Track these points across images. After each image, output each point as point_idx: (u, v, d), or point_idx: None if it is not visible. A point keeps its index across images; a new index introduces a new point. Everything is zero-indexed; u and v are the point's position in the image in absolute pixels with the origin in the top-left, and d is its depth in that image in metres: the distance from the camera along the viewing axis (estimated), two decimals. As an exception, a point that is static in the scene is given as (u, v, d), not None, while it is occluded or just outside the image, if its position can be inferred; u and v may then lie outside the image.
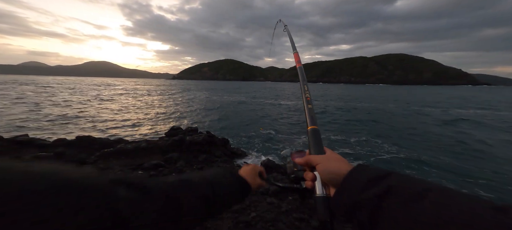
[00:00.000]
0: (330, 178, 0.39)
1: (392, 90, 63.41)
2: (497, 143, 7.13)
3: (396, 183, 0.30)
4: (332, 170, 0.39)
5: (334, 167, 0.39)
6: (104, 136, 6.53)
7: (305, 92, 0.58)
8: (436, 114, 13.96)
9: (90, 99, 18.99)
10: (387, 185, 0.30)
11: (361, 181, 0.33)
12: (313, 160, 0.42)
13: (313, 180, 0.41)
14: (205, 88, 53.83)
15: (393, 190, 0.29)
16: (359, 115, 13.21)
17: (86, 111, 12.28)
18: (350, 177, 0.35)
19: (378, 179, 0.32)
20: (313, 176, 0.41)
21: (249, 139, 7.37)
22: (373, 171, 0.34)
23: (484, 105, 20.90)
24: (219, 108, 16.45)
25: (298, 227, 1.95)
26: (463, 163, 5.29)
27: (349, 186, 0.34)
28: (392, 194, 0.29)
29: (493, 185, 4.14)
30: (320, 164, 0.41)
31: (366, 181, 0.32)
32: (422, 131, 8.61)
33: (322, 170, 0.40)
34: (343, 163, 0.39)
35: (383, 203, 0.29)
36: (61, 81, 78.28)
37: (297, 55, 0.77)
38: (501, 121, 11.64)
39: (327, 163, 0.40)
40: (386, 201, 0.28)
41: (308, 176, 0.43)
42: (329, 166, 0.39)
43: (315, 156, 0.43)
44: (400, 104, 20.54)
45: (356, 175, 0.35)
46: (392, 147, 6.46)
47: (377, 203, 0.29)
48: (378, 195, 0.30)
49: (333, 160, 0.41)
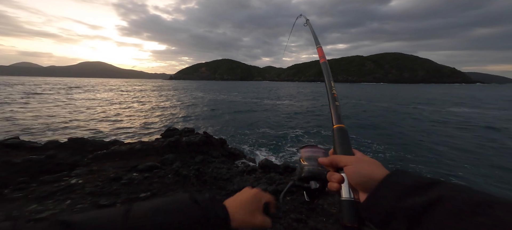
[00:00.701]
0: (362, 182, 0.35)
1: (398, 89, 61.88)
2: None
3: (448, 193, 0.26)
4: (364, 173, 0.35)
5: (367, 170, 0.35)
6: (98, 137, 6.41)
7: (331, 89, 0.55)
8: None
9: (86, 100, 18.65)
10: (438, 194, 0.27)
11: (402, 187, 0.30)
12: (341, 160, 0.39)
13: (339, 182, 0.38)
14: (203, 88, 53.52)
15: (445, 200, 0.26)
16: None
17: (78, 112, 12.04)
18: (387, 181, 0.32)
19: (423, 187, 0.29)
20: (340, 178, 0.38)
21: (247, 139, 7.33)
22: (417, 177, 0.31)
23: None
24: (216, 108, 16.36)
25: (296, 228, 1.93)
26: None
27: (387, 192, 0.31)
28: (441, 205, 0.25)
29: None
30: (351, 166, 0.37)
31: (408, 188, 0.29)
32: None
33: (353, 172, 0.36)
34: (377, 167, 0.36)
35: (429, 214, 0.26)
36: (52, 82, 76.56)
37: (320, 49, 0.72)
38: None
39: (358, 165, 0.37)
40: (435, 212, 0.25)
41: (333, 177, 0.39)
42: (361, 168, 0.36)
43: (344, 156, 0.40)
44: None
45: (396, 180, 0.32)
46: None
47: (422, 212, 0.26)
48: (422, 205, 0.27)
49: (366, 162, 0.37)
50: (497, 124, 9.81)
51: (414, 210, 0.27)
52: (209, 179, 3.37)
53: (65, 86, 43.74)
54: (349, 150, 0.41)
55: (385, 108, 14.39)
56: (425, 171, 4.66)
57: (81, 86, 47.29)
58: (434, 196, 0.27)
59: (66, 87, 37.65)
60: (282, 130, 8.73)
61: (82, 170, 3.27)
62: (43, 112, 11.32)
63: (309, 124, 10.26)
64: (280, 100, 23.55)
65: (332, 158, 0.40)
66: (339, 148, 0.42)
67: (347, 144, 0.43)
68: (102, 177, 3.04)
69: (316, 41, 0.81)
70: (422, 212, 0.26)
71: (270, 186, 2.99)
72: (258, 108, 16.48)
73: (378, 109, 12.99)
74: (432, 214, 0.25)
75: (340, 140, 0.43)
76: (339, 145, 0.43)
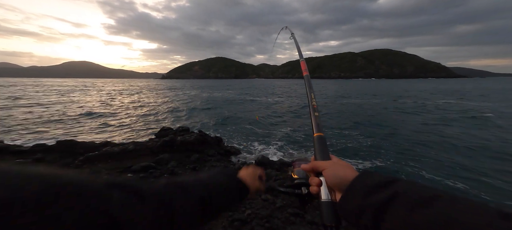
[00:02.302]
0: (337, 183, 0.39)
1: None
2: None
3: (402, 189, 0.30)
4: (339, 175, 0.39)
5: (341, 172, 0.39)
6: (88, 139, 6.20)
7: (311, 100, 0.59)
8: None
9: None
10: (394, 190, 0.31)
11: (367, 186, 0.34)
12: (319, 165, 0.43)
13: (318, 185, 0.42)
14: (196, 86, 52.55)
15: (399, 196, 0.29)
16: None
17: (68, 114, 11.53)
18: (356, 182, 0.36)
19: (384, 185, 0.32)
20: (318, 181, 0.42)
21: (242, 136, 7.35)
22: (380, 177, 0.35)
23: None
24: (211, 106, 16.21)
25: (293, 222, 1.97)
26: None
27: (355, 191, 0.35)
28: (397, 200, 0.29)
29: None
30: (327, 170, 0.41)
31: (372, 187, 0.33)
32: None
33: (329, 175, 0.40)
34: (349, 169, 0.40)
35: (388, 209, 0.29)
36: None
37: (304, 63, 0.76)
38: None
39: (334, 169, 0.41)
40: (391, 207, 0.29)
41: (313, 181, 0.43)
42: (336, 171, 0.40)
43: (322, 161, 0.44)
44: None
45: (363, 180, 0.35)
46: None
47: (382, 208, 0.30)
48: (383, 200, 0.30)
49: (340, 165, 0.41)
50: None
51: (377, 205, 0.30)
52: (206, 177, 3.38)
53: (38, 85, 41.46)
54: (327, 156, 0.45)
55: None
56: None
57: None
58: (392, 192, 0.30)
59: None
60: (277, 127, 8.83)
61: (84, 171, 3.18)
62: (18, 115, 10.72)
63: (302, 120, 10.44)
64: (274, 97, 23.70)
65: (312, 164, 0.45)
66: (318, 154, 0.47)
67: (325, 150, 0.47)
68: (95, 179, 2.97)
69: (300, 55, 0.84)
70: (383, 207, 0.30)
71: (267, 182, 3.05)
72: (253, 106, 16.51)
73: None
74: (390, 208, 0.29)
75: (319, 148, 0.48)
76: (318, 152, 0.47)
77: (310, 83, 0.65)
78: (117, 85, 60.67)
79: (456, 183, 4.03)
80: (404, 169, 4.71)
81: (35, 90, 29.93)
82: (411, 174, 4.46)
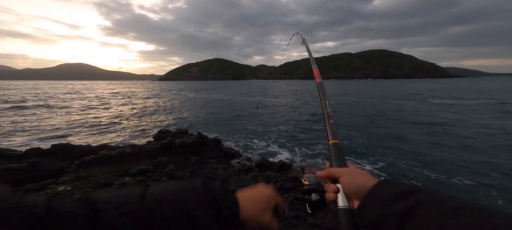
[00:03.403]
0: (355, 191, 0.39)
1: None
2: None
3: (425, 199, 0.30)
4: (358, 182, 0.39)
5: (360, 180, 0.39)
6: (85, 143, 6.10)
7: (326, 107, 0.58)
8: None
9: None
10: (415, 200, 0.30)
11: (387, 195, 0.33)
12: (336, 172, 0.43)
13: (335, 192, 0.41)
14: (195, 88, 52.35)
15: (422, 206, 0.29)
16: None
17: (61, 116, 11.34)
18: (375, 190, 0.36)
19: (405, 194, 0.32)
20: (336, 188, 0.41)
21: (241, 137, 7.32)
22: (400, 185, 0.34)
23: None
24: (209, 108, 16.15)
25: (295, 225, 1.95)
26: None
27: (375, 199, 0.34)
28: (420, 210, 0.28)
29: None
30: (345, 176, 0.41)
31: (392, 195, 0.33)
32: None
33: (347, 182, 0.40)
34: (368, 177, 0.40)
35: (409, 219, 0.29)
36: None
37: (316, 70, 0.74)
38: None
39: (353, 176, 0.40)
40: (413, 217, 0.28)
41: (330, 188, 0.42)
42: (355, 178, 0.40)
43: (339, 168, 0.44)
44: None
45: (382, 189, 0.35)
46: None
47: (404, 217, 0.29)
48: (404, 210, 0.29)
49: (358, 173, 0.41)
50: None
51: (397, 215, 0.30)
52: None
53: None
54: (344, 163, 0.45)
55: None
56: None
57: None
58: (413, 202, 0.30)
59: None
60: (275, 127, 8.83)
61: (70, 176, 3.10)
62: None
63: (301, 119, 10.46)
64: (273, 98, 23.75)
65: (328, 171, 0.44)
66: (334, 161, 0.46)
67: (342, 158, 0.47)
68: (92, 182, 2.90)
69: (312, 61, 0.82)
70: (404, 217, 0.29)
71: (268, 184, 3.03)
72: (251, 107, 16.50)
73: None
74: (412, 218, 0.28)
75: (335, 155, 0.47)
76: (335, 159, 0.47)
77: (324, 90, 0.63)
78: (113, 87, 60.12)
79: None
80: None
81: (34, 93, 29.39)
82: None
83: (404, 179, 4.14)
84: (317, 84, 0.67)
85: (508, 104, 15.05)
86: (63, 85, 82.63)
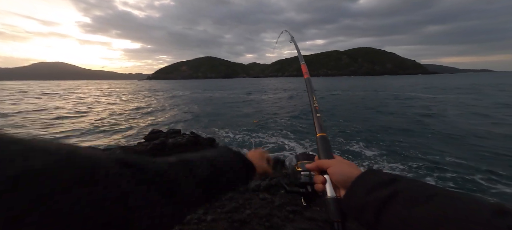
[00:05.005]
0: (342, 180, 0.41)
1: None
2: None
3: (402, 187, 0.32)
4: (344, 172, 0.41)
5: (346, 170, 0.41)
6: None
7: (313, 102, 0.60)
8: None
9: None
10: (394, 188, 0.32)
11: (370, 184, 0.35)
12: (324, 164, 0.45)
13: (323, 183, 0.43)
14: (185, 87, 50.85)
15: (399, 194, 0.31)
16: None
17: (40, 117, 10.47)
18: (359, 180, 0.38)
19: (385, 183, 0.34)
20: (323, 179, 0.43)
21: (235, 135, 7.30)
22: (382, 175, 0.36)
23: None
24: (202, 106, 15.84)
25: (292, 219, 1.99)
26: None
27: (358, 189, 0.36)
28: (397, 197, 0.31)
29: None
30: (332, 167, 0.43)
31: (375, 184, 0.35)
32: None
33: (334, 173, 0.42)
34: (353, 167, 0.42)
35: (388, 205, 0.31)
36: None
37: (304, 66, 0.76)
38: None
39: (339, 167, 0.42)
40: (391, 204, 0.31)
41: (318, 179, 0.44)
42: (341, 169, 0.42)
43: (326, 160, 0.46)
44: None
45: (366, 178, 0.37)
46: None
47: (383, 205, 0.32)
48: (384, 198, 0.32)
49: (344, 164, 0.43)
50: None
51: (378, 202, 0.32)
52: (201, 179, 3.30)
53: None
54: (330, 155, 0.48)
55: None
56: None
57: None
58: (393, 190, 0.32)
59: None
60: (269, 123, 8.90)
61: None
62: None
63: (293, 114, 10.65)
64: (265, 95, 23.87)
65: (317, 163, 0.46)
66: (322, 153, 0.49)
67: (329, 150, 0.49)
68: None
69: (300, 58, 0.85)
70: (384, 204, 0.32)
71: (264, 181, 3.05)
72: (244, 104, 16.46)
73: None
74: (390, 205, 0.31)
75: (322, 147, 0.50)
76: (322, 151, 0.49)
77: (311, 85, 0.66)
78: (95, 87, 56.56)
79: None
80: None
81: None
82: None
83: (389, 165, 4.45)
84: (305, 80, 0.70)
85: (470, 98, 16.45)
86: (35, 85, 76.24)
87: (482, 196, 2.77)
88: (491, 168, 4.16)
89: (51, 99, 22.38)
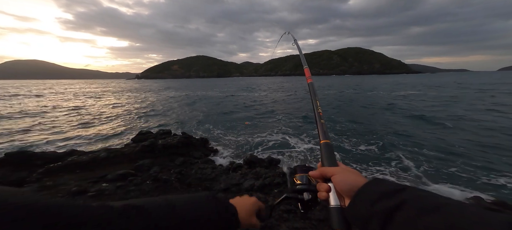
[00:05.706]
0: (347, 189, 0.39)
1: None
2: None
3: (409, 198, 0.31)
4: (349, 181, 0.40)
5: (351, 179, 0.40)
6: (48, 149, 5.37)
7: (317, 108, 0.58)
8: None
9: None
10: (401, 198, 0.31)
11: (376, 193, 0.34)
12: (328, 171, 0.43)
13: (327, 191, 0.42)
14: (176, 87, 49.39)
15: (407, 204, 0.30)
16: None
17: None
18: (365, 189, 0.37)
19: (391, 193, 0.33)
20: (327, 187, 0.42)
21: (229, 135, 7.24)
22: (389, 184, 0.36)
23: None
24: (193, 106, 15.51)
25: (286, 219, 2.01)
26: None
27: (364, 198, 0.35)
28: (404, 208, 0.30)
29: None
30: (337, 175, 0.42)
31: (381, 194, 0.34)
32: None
33: (339, 181, 0.41)
34: (358, 176, 0.41)
35: (395, 215, 0.30)
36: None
37: (308, 70, 0.73)
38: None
39: (344, 175, 0.41)
40: (398, 214, 0.30)
41: (322, 187, 0.43)
42: (346, 177, 0.41)
43: (331, 168, 0.44)
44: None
45: (371, 188, 0.36)
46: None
47: (390, 215, 0.31)
48: (390, 208, 0.31)
49: (349, 172, 0.42)
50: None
51: (385, 213, 0.31)
52: (194, 181, 3.23)
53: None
54: (335, 163, 0.46)
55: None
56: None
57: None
58: (400, 200, 0.31)
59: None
60: (264, 123, 8.93)
61: (32, 187, 2.72)
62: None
63: (290, 114, 10.78)
64: (259, 93, 23.90)
65: (321, 170, 0.45)
66: (326, 161, 0.47)
67: (333, 157, 0.47)
68: (62, 191, 2.59)
69: (303, 61, 0.82)
70: (391, 214, 0.31)
71: (257, 180, 3.05)
72: (239, 104, 16.36)
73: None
74: (398, 215, 0.30)
75: (326, 154, 0.48)
76: (326, 158, 0.47)
77: (315, 90, 0.63)
78: (76, 87, 53.18)
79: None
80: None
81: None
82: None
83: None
84: (309, 85, 0.66)
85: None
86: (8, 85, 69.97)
87: (490, 206, 2.55)
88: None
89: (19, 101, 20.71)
